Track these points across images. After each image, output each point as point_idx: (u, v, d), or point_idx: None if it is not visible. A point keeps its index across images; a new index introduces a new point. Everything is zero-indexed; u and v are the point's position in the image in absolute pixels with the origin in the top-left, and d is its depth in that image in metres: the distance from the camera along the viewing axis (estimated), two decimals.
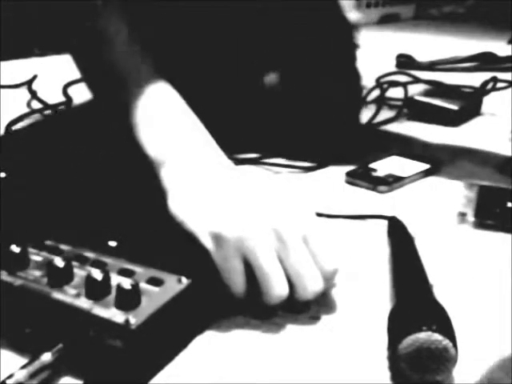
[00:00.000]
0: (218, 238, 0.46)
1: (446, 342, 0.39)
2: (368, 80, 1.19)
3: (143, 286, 0.43)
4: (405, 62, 1.45)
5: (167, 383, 0.41)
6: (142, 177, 0.70)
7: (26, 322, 0.43)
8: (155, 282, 0.44)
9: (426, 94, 1.08)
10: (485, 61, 1.45)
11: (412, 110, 1.04)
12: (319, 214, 0.66)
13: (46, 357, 0.40)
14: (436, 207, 0.69)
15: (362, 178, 0.75)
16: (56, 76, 1.29)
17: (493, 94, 1.16)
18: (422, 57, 1.48)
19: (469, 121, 1.03)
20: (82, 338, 0.41)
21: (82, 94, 1.16)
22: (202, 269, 0.47)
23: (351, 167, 0.78)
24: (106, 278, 0.43)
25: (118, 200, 0.62)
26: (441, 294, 0.46)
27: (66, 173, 0.72)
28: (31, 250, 0.48)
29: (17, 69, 1.40)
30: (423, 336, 0.39)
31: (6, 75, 1.31)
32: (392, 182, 0.74)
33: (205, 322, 0.47)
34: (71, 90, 1.17)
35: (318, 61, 0.86)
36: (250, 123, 0.90)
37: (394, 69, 1.40)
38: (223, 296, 0.47)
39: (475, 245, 0.61)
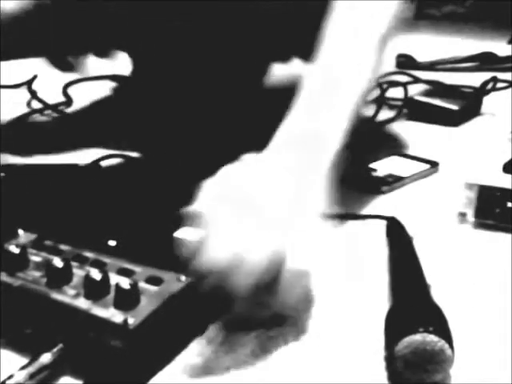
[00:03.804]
0: None
1: (442, 344, 0.39)
2: None
3: (142, 285, 0.43)
4: (405, 62, 1.45)
5: (167, 383, 0.41)
6: (142, 177, 0.71)
7: (26, 322, 0.43)
8: (154, 281, 0.44)
9: (426, 94, 1.08)
10: (485, 61, 1.45)
11: (412, 109, 1.04)
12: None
13: (46, 357, 0.40)
14: (436, 207, 0.68)
15: (362, 177, 0.75)
16: (56, 76, 1.28)
17: (493, 93, 1.16)
18: (422, 57, 1.48)
19: (469, 121, 1.03)
20: (81, 339, 0.41)
21: (81, 94, 1.16)
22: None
23: (351, 167, 0.77)
24: (105, 278, 0.43)
25: (118, 200, 0.62)
26: (440, 294, 0.46)
27: (66, 172, 0.72)
28: (30, 250, 0.48)
29: (17, 69, 1.40)
30: (419, 338, 0.39)
31: (6, 75, 1.31)
32: (392, 181, 0.74)
33: (205, 322, 0.47)
34: (71, 90, 1.17)
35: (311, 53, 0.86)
36: (249, 123, 0.90)
37: (394, 69, 1.39)
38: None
39: (475, 245, 0.60)
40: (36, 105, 1.09)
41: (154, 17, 0.84)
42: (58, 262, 0.44)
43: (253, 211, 0.45)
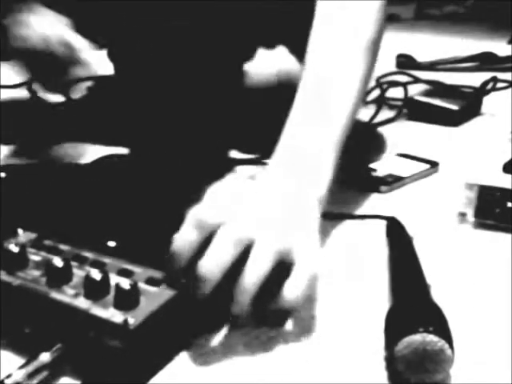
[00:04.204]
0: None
1: (442, 344, 0.39)
2: None
3: (142, 286, 0.43)
4: (405, 62, 1.45)
5: (167, 383, 0.41)
6: (142, 177, 0.70)
7: (25, 321, 0.43)
8: (154, 282, 0.44)
9: (426, 94, 1.08)
10: (485, 61, 1.45)
11: (412, 109, 1.04)
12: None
13: (45, 357, 0.40)
14: (436, 207, 0.68)
15: (362, 177, 0.75)
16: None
17: (493, 93, 1.16)
18: (422, 57, 1.48)
19: (469, 121, 1.03)
20: (80, 338, 0.41)
21: (81, 94, 1.16)
22: None
23: (351, 167, 0.77)
24: (105, 278, 0.43)
25: (117, 200, 0.61)
26: (440, 294, 0.46)
27: (65, 172, 0.72)
28: (30, 249, 0.48)
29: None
30: (419, 338, 0.39)
31: (6, 75, 1.31)
32: (392, 181, 0.74)
33: (204, 323, 0.47)
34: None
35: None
36: (251, 123, 0.90)
37: (394, 69, 1.39)
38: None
39: (475, 245, 0.60)
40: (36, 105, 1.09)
41: (136, 15, 0.84)
42: (57, 262, 0.44)
43: (254, 215, 0.46)
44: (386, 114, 1.02)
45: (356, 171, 0.76)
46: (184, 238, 0.44)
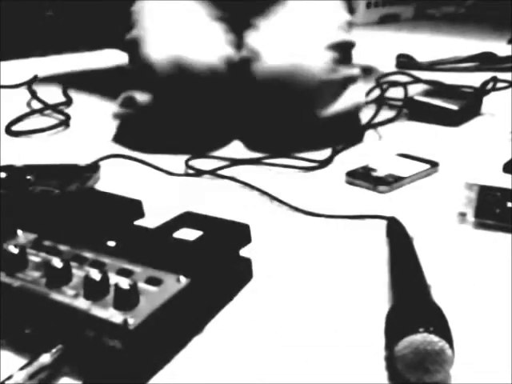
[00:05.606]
0: None
1: (443, 344, 0.39)
2: (368, 80, 1.19)
3: (142, 285, 0.43)
4: (405, 62, 1.46)
5: (167, 383, 0.41)
6: (141, 176, 0.70)
7: (26, 322, 0.43)
8: (154, 281, 0.44)
9: (426, 94, 1.08)
10: (485, 61, 1.45)
11: (412, 110, 1.04)
12: (319, 215, 0.66)
13: (45, 358, 0.40)
14: (436, 207, 0.68)
15: (362, 178, 0.75)
16: (56, 76, 1.29)
17: (493, 93, 1.16)
18: (422, 57, 1.48)
19: (469, 121, 1.03)
20: (80, 339, 0.41)
21: (82, 94, 1.16)
22: (201, 268, 0.47)
23: (351, 167, 0.78)
24: (105, 279, 0.43)
25: (117, 200, 0.61)
26: (440, 294, 0.46)
27: (66, 172, 0.72)
28: (30, 250, 0.48)
29: (17, 69, 1.40)
30: (419, 338, 0.39)
31: (6, 75, 1.32)
32: (392, 181, 0.74)
33: (204, 322, 0.47)
34: (71, 90, 1.17)
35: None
36: (252, 123, 0.90)
37: (394, 69, 1.40)
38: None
39: (475, 245, 0.60)
40: (36, 105, 1.09)
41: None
42: (57, 263, 0.44)
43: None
44: (386, 113, 1.02)
45: (356, 171, 0.76)
46: None
